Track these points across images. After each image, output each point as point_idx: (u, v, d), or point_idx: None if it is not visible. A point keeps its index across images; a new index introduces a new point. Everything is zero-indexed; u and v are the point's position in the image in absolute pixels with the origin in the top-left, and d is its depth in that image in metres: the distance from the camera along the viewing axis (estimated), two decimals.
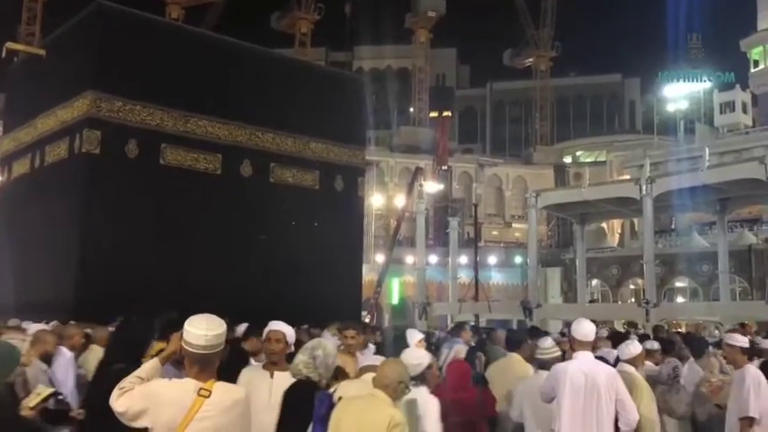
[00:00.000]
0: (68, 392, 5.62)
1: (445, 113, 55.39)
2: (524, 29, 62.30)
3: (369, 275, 32.39)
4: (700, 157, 26.58)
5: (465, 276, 35.65)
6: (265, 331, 4.96)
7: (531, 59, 63.75)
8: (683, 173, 24.89)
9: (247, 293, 12.86)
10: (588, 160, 56.63)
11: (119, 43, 13.58)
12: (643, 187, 22.18)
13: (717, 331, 20.79)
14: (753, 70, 47.95)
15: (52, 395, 4.33)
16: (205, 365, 3.14)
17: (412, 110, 62.54)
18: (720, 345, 7.96)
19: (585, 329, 5.19)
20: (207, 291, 11.29)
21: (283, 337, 4.83)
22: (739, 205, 27.66)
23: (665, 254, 33.30)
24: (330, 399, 4.07)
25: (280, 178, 15.85)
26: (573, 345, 5.26)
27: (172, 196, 13.80)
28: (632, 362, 5.83)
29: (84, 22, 14.57)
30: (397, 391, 3.89)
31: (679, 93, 50.95)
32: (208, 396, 3.08)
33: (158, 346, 4.15)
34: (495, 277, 43.87)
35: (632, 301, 35.33)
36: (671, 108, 51.87)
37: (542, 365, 5.56)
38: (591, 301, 33.17)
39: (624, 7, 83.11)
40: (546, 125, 63.78)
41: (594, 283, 37.69)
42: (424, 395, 4.47)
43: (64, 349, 6.28)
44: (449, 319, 28.66)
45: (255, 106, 15.39)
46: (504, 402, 5.88)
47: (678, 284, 35.90)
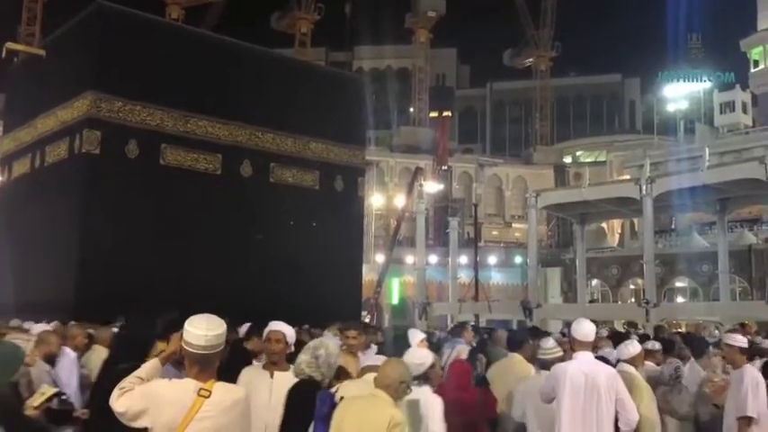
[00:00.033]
0: (72, 392, 5.62)
1: (445, 113, 55.38)
2: (524, 29, 62.30)
3: (369, 275, 32.37)
4: (700, 157, 26.55)
5: (465, 276, 35.63)
6: (265, 331, 4.95)
7: (531, 59, 63.73)
8: (683, 173, 24.85)
9: (247, 293, 12.85)
10: (588, 160, 56.60)
11: (119, 43, 13.59)
12: (643, 187, 22.16)
13: (717, 331, 20.77)
14: (753, 70, 47.94)
15: (56, 395, 4.33)
16: (205, 366, 3.13)
17: (412, 110, 62.53)
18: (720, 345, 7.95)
19: (585, 329, 5.18)
20: (207, 291, 11.27)
21: (283, 338, 4.83)
22: (739, 205, 27.63)
23: (665, 254, 33.27)
24: (332, 398, 4.08)
25: (280, 178, 15.86)
26: (573, 345, 5.25)
27: (172, 196, 13.81)
28: (631, 362, 5.83)
29: (84, 22, 14.58)
30: (398, 391, 3.88)
31: (679, 93, 50.94)
32: (208, 396, 3.08)
33: (161, 346, 4.15)
34: (495, 277, 43.86)
35: (632, 301, 35.30)
36: (671, 108, 51.86)
37: (544, 366, 5.53)
38: (591, 301, 33.15)
39: (624, 7, 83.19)
40: (546, 125, 63.79)
41: (594, 283, 37.67)
42: (427, 394, 4.46)
43: (67, 350, 6.27)
44: (449, 320, 28.62)
45: (255, 106, 15.40)
46: (505, 403, 5.86)
47: (678, 284, 35.88)
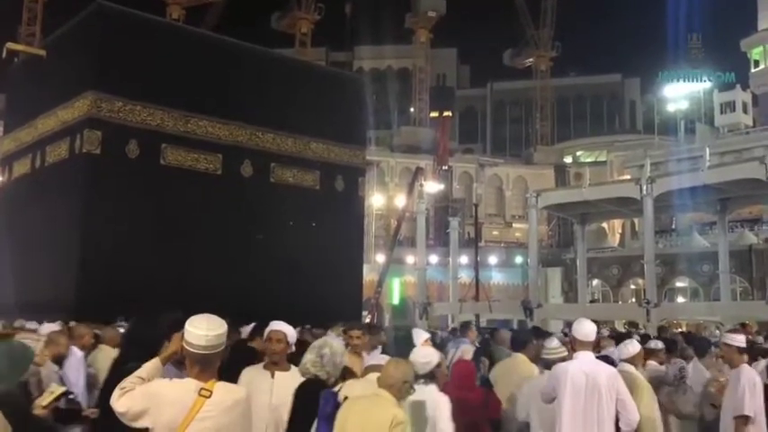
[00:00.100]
0: (79, 392, 5.64)
1: (445, 113, 55.43)
2: (524, 29, 62.31)
3: (369, 275, 32.36)
4: (700, 157, 26.55)
5: (465, 276, 35.69)
6: (266, 331, 4.95)
7: (531, 59, 63.75)
8: (683, 173, 24.89)
9: (248, 293, 12.85)
10: (588, 160, 56.58)
11: (119, 43, 13.59)
12: (643, 187, 22.19)
13: (717, 331, 20.77)
14: (753, 70, 47.93)
15: (64, 394, 4.33)
16: (206, 365, 3.13)
17: (412, 110, 62.55)
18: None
19: (586, 329, 5.18)
20: (207, 291, 11.27)
21: (284, 338, 4.82)
22: (740, 205, 27.67)
23: (665, 254, 33.27)
24: (335, 398, 4.08)
25: (280, 178, 15.85)
26: (574, 345, 5.25)
27: (172, 196, 13.80)
28: (631, 361, 5.85)
29: (85, 22, 14.57)
30: (401, 390, 3.88)
31: (679, 93, 50.96)
32: (209, 396, 3.07)
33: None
34: (496, 277, 43.88)
35: (633, 301, 35.31)
36: (671, 108, 51.88)
37: (548, 366, 5.51)
38: (591, 301, 33.18)
39: (624, 7, 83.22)
40: (546, 125, 63.78)
41: (595, 283, 37.68)
42: (434, 393, 4.45)
43: (75, 349, 6.29)
44: (449, 320, 28.65)
45: (256, 106, 15.39)
46: (509, 403, 5.85)
47: (679, 284, 35.89)
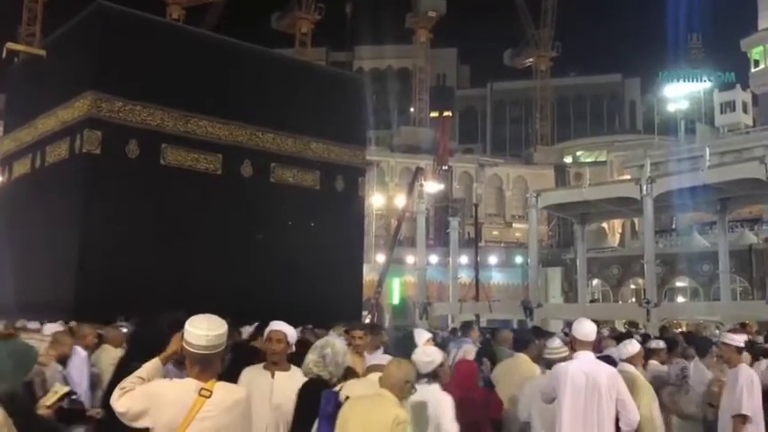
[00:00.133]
0: (82, 392, 5.65)
1: (446, 113, 55.43)
2: (524, 29, 62.32)
3: (369, 275, 32.38)
4: (700, 156, 26.57)
5: (465, 276, 35.70)
6: (266, 331, 4.95)
7: (531, 59, 63.76)
8: (683, 173, 24.90)
9: (248, 293, 12.86)
10: (588, 160, 56.58)
11: (119, 43, 13.60)
12: (643, 187, 22.20)
13: (717, 331, 20.77)
14: (753, 70, 47.92)
15: (68, 394, 4.33)
16: (206, 365, 3.13)
17: (412, 110, 62.55)
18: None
19: (586, 329, 5.17)
20: (207, 291, 11.28)
21: (284, 338, 4.81)
22: (740, 205, 27.68)
23: (665, 254, 33.27)
24: (336, 397, 4.07)
25: (280, 178, 15.86)
26: (574, 345, 5.23)
27: (172, 196, 13.81)
28: (631, 361, 5.85)
29: (85, 22, 14.58)
30: (403, 390, 3.87)
31: (679, 93, 50.95)
32: (209, 396, 3.07)
33: None
34: (496, 277, 43.88)
35: (633, 300, 35.31)
36: (671, 108, 51.87)
37: (550, 366, 5.46)
38: (591, 301, 33.18)
39: (624, 7, 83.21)
40: (546, 125, 63.79)
41: (595, 282, 37.68)
42: (437, 393, 4.44)
43: (79, 349, 6.31)
44: (449, 320, 28.66)
45: (256, 106, 15.40)
46: (511, 403, 5.83)
47: (679, 284, 35.88)
